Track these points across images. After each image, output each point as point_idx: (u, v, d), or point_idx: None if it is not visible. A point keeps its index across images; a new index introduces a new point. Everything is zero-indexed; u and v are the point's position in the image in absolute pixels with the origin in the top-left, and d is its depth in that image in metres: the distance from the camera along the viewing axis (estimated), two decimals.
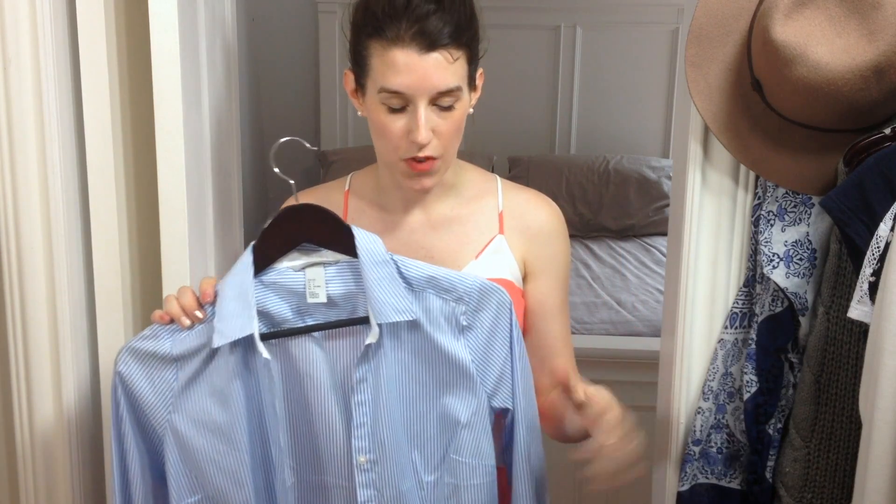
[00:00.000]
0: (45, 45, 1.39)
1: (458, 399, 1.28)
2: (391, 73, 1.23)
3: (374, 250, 1.23)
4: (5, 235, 1.45)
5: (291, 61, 4.38)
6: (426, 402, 1.28)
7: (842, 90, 1.24)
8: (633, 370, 2.66)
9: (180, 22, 1.39)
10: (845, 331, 1.33)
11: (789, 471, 1.42)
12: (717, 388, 1.53)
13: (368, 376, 1.23)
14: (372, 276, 1.22)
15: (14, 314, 1.46)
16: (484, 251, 1.39)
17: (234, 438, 1.23)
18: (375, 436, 1.25)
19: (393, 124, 1.27)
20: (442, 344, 1.26)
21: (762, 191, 1.45)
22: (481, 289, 1.26)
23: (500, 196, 1.42)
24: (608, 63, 4.31)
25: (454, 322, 1.26)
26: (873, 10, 1.23)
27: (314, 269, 1.24)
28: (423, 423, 1.29)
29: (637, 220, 3.94)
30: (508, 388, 1.30)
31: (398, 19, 1.22)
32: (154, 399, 1.23)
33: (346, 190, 1.44)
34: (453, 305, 1.26)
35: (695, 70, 1.42)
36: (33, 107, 1.41)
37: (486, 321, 1.27)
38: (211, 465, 1.24)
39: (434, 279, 1.25)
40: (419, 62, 1.22)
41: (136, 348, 1.23)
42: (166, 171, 1.43)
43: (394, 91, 1.24)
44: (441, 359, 1.26)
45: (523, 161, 4.12)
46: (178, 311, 1.22)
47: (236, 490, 1.24)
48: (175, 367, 1.22)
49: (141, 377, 1.23)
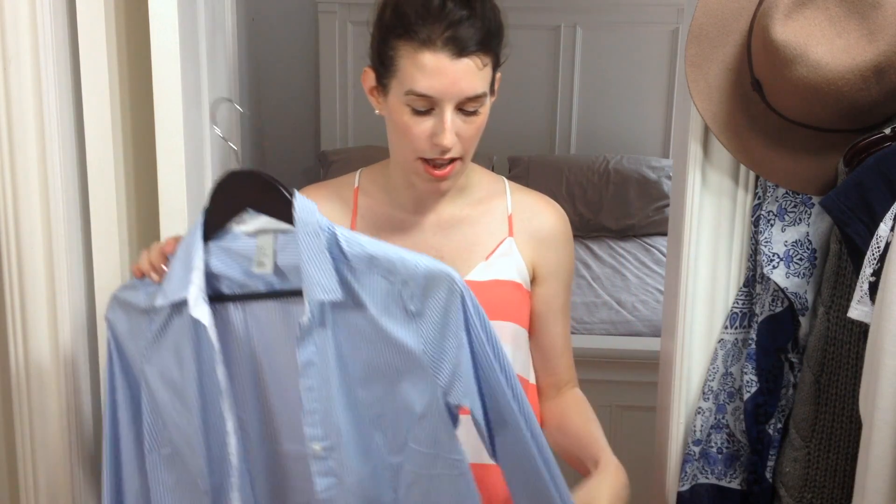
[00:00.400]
0: (45, 44, 1.39)
1: (412, 388, 1.19)
2: (421, 75, 1.24)
3: (308, 220, 1.15)
4: (5, 235, 1.44)
5: (291, 61, 4.37)
6: (384, 385, 1.20)
7: (842, 90, 1.24)
8: (633, 370, 2.66)
9: (180, 22, 1.39)
10: (845, 331, 1.33)
11: (789, 471, 1.42)
12: (717, 388, 1.53)
13: (315, 359, 1.17)
14: (304, 249, 1.14)
15: (14, 314, 1.46)
16: (494, 253, 1.39)
17: (187, 400, 1.21)
18: (329, 422, 1.19)
19: (417, 126, 1.27)
20: (388, 330, 1.16)
21: (762, 191, 1.45)
22: (427, 273, 1.15)
23: (508, 198, 1.43)
24: (608, 63, 4.30)
25: (402, 306, 1.16)
26: (873, 10, 1.23)
27: (265, 237, 1.19)
28: (383, 405, 1.21)
29: (637, 220, 3.93)
30: (466, 386, 1.18)
31: (432, 23, 1.22)
32: (133, 347, 1.24)
33: (356, 187, 1.44)
34: (399, 288, 1.16)
35: (695, 70, 1.42)
36: (33, 107, 1.40)
37: (436, 309, 1.16)
38: (171, 422, 1.23)
39: (374, 259, 1.16)
40: (450, 67, 1.23)
41: (119, 297, 1.25)
42: (166, 171, 1.43)
43: (422, 94, 1.24)
44: (388, 345, 1.17)
45: (523, 161, 4.12)
46: (147, 266, 1.23)
47: (190, 454, 1.23)
48: (148, 318, 1.22)
49: (124, 324, 1.24)
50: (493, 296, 1.37)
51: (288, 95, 4.40)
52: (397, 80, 1.27)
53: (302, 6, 4.31)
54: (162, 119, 1.41)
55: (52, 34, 1.39)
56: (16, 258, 1.44)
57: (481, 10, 1.25)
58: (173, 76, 1.40)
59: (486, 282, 1.38)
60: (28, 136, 1.41)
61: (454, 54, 1.22)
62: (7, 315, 1.47)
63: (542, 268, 1.42)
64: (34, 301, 1.45)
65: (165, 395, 1.23)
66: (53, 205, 1.44)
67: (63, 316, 1.46)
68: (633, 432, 2.74)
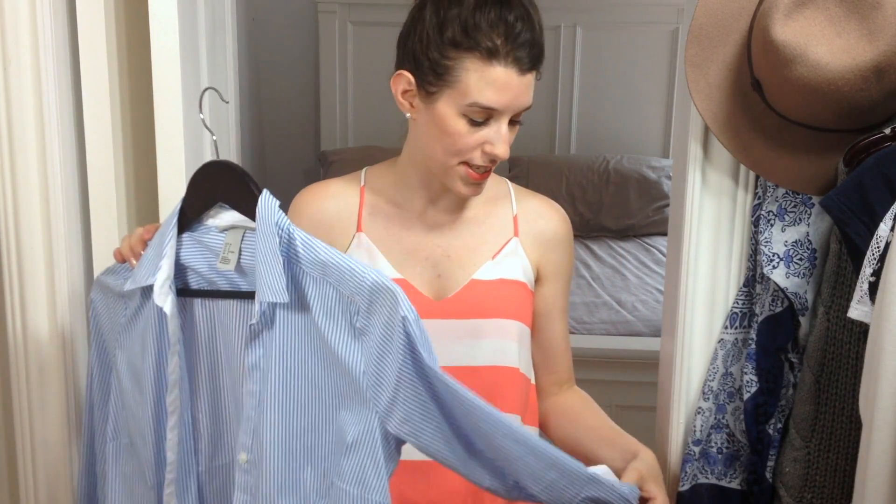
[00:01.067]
0: (45, 45, 1.39)
1: (348, 413, 1.11)
2: (490, 89, 1.26)
3: (268, 219, 1.10)
4: (5, 235, 1.45)
5: (291, 61, 4.37)
6: (322, 409, 1.13)
7: (842, 90, 1.24)
8: (633, 370, 2.67)
9: (180, 22, 1.39)
10: (845, 331, 1.33)
11: (789, 471, 1.42)
12: (717, 388, 1.53)
13: (261, 364, 1.12)
14: (260, 248, 1.10)
15: (14, 314, 1.46)
16: (500, 252, 1.41)
17: (143, 389, 1.20)
18: (257, 435, 1.12)
19: (472, 135, 1.29)
20: (333, 342, 1.10)
21: (762, 191, 1.45)
22: (372, 287, 1.09)
23: (513, 200, 1.46)
24: (608, 63, 4.31)
25: (349, 321, 1.10)
26: (873, 10, 1.23)
27: (234, 234, 1.16)
28: (317, 434, 1.13)
29: (637, 220, 3.94)
30: (406, 413, 1.10)
31: (504, 39, 1.25)
32: (109, 331, 1.25)
33: (362, 185, 1.44)
34: (348, 300, 1.09)
35: (695, 70, 1.42)
36: (33, 107, 1.41)
37: (377, 328, 1.09)
38: (129, 411, 1.23)
39: (327, 266, 1.10)
40: (516, 82, 1.27)
41: (101, 280, 1.27)
42: (166, 171, 1.43)
43: (487, 107, 1.27)
44: (332, 359, 1.11)
45: (523, 161, 4.12)
46: (128, 251, 1.25)
47: (142, 445, 1.21)
48: (123, 303, 1.23)
49: (103, 307, 1.26)
50: (500, 294, 1.39)
51: (288, 95, 4.40)
52: (456, 90, 1.27)
53: (302, 6, 4.32)
54: (162, 119, 1.41)
55: (52, 34, 1.40)
56: (16, 258, 1.44)
57: (539, 27, 1.29)
58: (173, 76, 1.40)
59: (492, 280, 1.39)
60: (28, 136, 1.41)
61: (522, 70, 1.27)
62: (7, 315, 1.48)
63: (545, 268, 1.44)
64: (34, 301, 1.45)
65: (128, 383, 1.22)
66: (53, 205, 1.44)
67: (63, 315, 1.46)
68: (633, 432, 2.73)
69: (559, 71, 4.32)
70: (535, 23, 1.28)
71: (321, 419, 1.13)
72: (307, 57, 4.38)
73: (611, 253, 3.74)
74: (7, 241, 1.45)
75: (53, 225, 1.44)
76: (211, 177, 1.18)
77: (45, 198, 1.43)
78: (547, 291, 1.45)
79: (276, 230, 1.10)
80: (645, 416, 2.11)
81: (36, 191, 1.43)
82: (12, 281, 1.45)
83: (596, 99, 4.34)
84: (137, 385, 1.21)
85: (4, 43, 1.39)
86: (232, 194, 1.16)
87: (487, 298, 1.39)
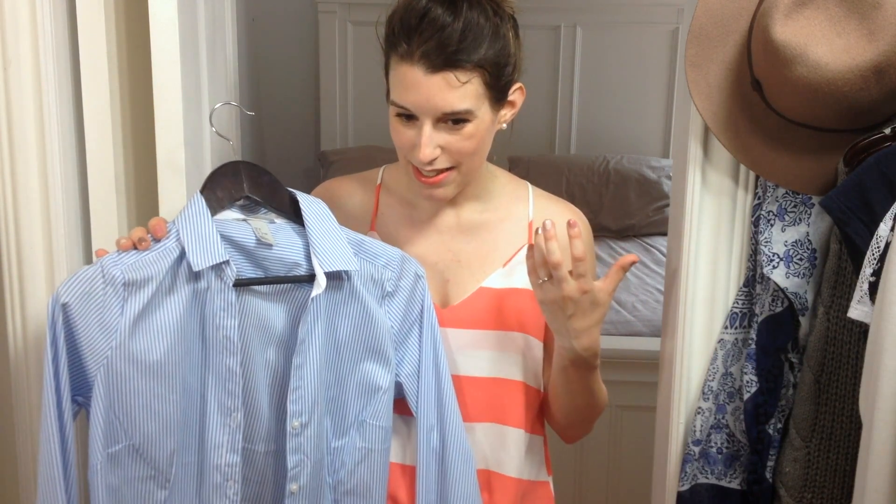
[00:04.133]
0: (45, 45, 1.39)
1: (379, 365, 1.30)
2: (399, 88, 1.25)
3: (317, 209, 1.28)
4: (5, 235, 1.45)
5: (291, 61, 4.37)
6: (348, 366, 1.30)
7: (842, 90, 1.24)
8: (633, 370, 2.66)
9: (180, 22, 1.39)
10: (845, 331, 1.33)
11: (789, 471, 1.42)
12: (717, 388, 1.53)
13: (307, 337, 1.24)
14: (317, 230, 1.25)
15: (14, 315, 1.46)
16: (512, 260, 1.39)
17: (174, 381, 1.19)
18: (307, 398, 1.25)
19: (403, 134, 1.28)
20: (370, 307, 1.28)
21: (762, 191, 1.45)
22: (402, 257, 1.31)
23: (531, 205, 1.43)
24: (608, 63, 4.31)
25: (381, 287, 1.30)
26: (873, 10, 1.23)
27: (257, 221, 1.26)
28: (340, 387, 1.31)
29: (637, 220, 3.93)
30: (411, 364, 1.33)
31: (409, 35, 1.22)
32: (97, 332, 1.17)
33: (378, 184, 1.44)
34: (382, 271, 1.30)
35: (695, 70, 1.42)
36: (33, 107, 1.41)
37: (405, 288, 1.31)
38: (144, 408, 1.19)
39: (363, 243, 1.30)
40: (424, 82, 1.22)
41: (82, 277, 1.17)
42: (166, 171, 1.43)
43: (401, 105, 1.25)
44: (370, 322, 1.29)
45: (523, 161, 4.12)
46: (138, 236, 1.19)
47: (157, 444, 1.20)
48: (122, 297, 1.16)
49: (82, 309, 1.16)
50: (507, 305, 1.37)
51: (288, 95, 4.40)
52: (390, 88, 1.28)
53: (302, 6, 4.32)
54: (162, 119, 1.41)
55: (52, 35, 1.40)
56: (16, 258, 1.44)
57: (466, 22, 1.22)
58: (173, 76, 1.40)
59: (501, 289, 1.37)
60: (28, 136, 1.41)
61: (428, 69, 1.21)
62: (7, 315, 1.48)
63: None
64: (34, 301, 1.45)
65: (140, 381, 1.18)
66: (53, 205, 1.44)
67: None
68: (633, 432, 2.75)
69: (559, 71, 4.32)
70: (460, 22, 1.21)
71: (345, 372, 1.31)
72: (307, 57, 4.38)
73: (611, 253, 3.74)
74: (7, 241, 1.45)
75: (53, 225, 1.44)
76: (242, 176, 1.26)
77: (45, 198, 1.43)
78: None
79: (328, 213, 1.27)
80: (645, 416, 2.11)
81: (36, 191, 1.43)
82: (12, 280, 1.45)
83: (596, 99, 4.34)
84: (159, 379, 1.18)
85: (4, 43, 1.39)
86: (265, 193, 1.27)
87: (494, 308, 1.37)
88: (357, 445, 1.32)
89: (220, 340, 1.21)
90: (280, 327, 1.27)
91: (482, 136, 1.30)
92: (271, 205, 1.27)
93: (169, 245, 1.21)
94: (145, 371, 1.19)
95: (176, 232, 1.21)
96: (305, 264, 1.26)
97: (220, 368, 1.22)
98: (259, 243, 1.24)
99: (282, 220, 1.28)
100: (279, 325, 1.27)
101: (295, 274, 1.26)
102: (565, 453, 2.65)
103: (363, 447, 1.32)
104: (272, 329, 1.27)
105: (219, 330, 1.21)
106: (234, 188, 1.25)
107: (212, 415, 1.23)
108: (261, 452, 1.29)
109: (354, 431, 1.32)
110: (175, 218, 1.23)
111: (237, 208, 1.26)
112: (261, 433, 1.28)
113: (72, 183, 1.46)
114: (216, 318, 1.21)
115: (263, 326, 1.26)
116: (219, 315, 1.21)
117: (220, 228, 1.22)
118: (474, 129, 1.27)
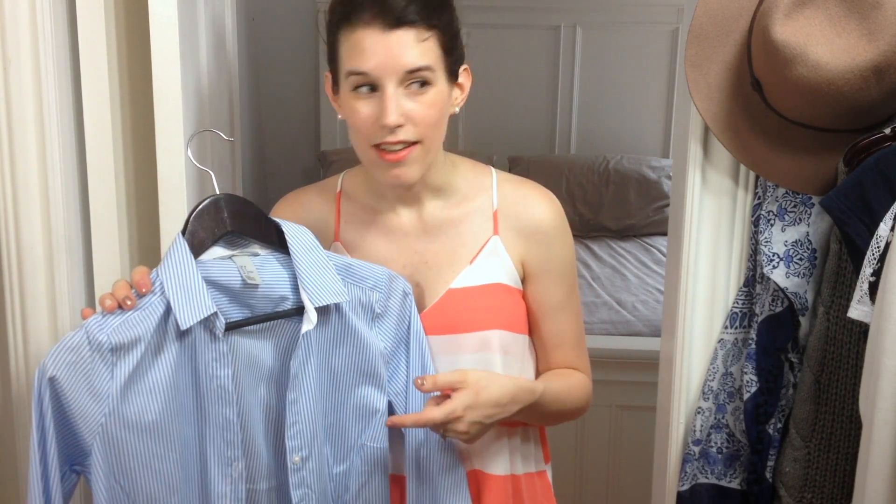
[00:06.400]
0: (45, 45, 1.39)
1: (374, 387, 1.30)
2: (357, 53, 1.22)
3: (304, 239, 1.25)
4: (5, 235, 1.45)
5: (291, 61, 4.37)
6: (343, 392, 1.29)
7: (842, 90, 1.24)
8: (633, 370, 2.66)
9: (180, 22, 1.39)
10: (845, 331, 1.33)
11: (789, 471, 1.42)
12: (717, 388, 1.53)
13: (300, 371, 1.22)
14: (305, 262, 1.23)
15: (14, 315, 1.46)
16: (479, 255, 1.35)
17: (171, 439, 1.17)
18: (306, 432, 1.24)
19: (363, 110, 1.24)
20: (362, 332, 1.27)
21: (762, 191, 1.45)
22: (389, 276, 1.30)
23: (494, 192, 1.37)
24: (608, 63, 4.31)
25: (370, 310, 1.28)
26: (873, 10, 1.23)
27: (241, 258, 1.22)
28: (338, 413, 1.29)
29: (637, 220, 3.93)
30: (400, 382, 1.31)
31: (360, 3, 1.22)
32: (88, 401, 1.13)
33: (338, 191, 1.41)
34: (369, 294, 1.28)
35: (695, 70, 1.42)
36: (33, 107, 1.41)
37: (394, 307, 1.30)
38: (145, 469, 1.16)
39: (350, 267, 1.27)
40: (383, 40, 1.21)
41: (68, 346, 1.12)
42: (166, 172, 1.43)
43: (360, 72, 1.23)
44: (362, 347, 1.28)
45: (523, 161, 4.11)
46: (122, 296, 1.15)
47: (167, 496, 1.18)
48: (110, 362, 1.13)
49: (71, 380, 1.12)
50: (478, 304, 1.33)
51: (288, 95, 4.40)
52: (342, 67, 1.26)
53: (302, 6, 4.31)
54: (162, 119, 1.41)
55: (52, 34, 1.40)
56: (16, 258, 1.44)
57: None
58: (173, 76, 1.40)
59: (470, 288, 1.34)
60: (28, 136, 1.41)
61: (386, 26, 1.21)
62: (7, 315, 1.48)
63: (531, 264, 1.36)
64: (34, 301, 1.45)
65: (137, 443, 1.15)
66: (53, 205, 1.44)
67: (63, 316, 1.46)
68: (633, 432, 2.75)
69: (559, 71, 4.32)
70: None
71: (341, 399, 1.29)
72: (307, 57, 4.37)
73: (611, 253, 3.74)
74: (7, 241, 1.45)
75: (53, 225, 1.44)
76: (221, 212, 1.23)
77: (45, 198, 1.43)
78: (535, 289, 1.37)
79: (315, 244, 1.25)
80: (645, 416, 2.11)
81: (36, 191, 1.43)
82: (12, 282, 1.45)
83: (596, 99, 4.34)
84: (157, 438, 1.16)
85: (4, 43, 1.39)
86: (248, 227, 1.24)
87: (465, 309, 1.33)
88: (360, 469, 1.31)
89: (215, 391, 1.19)
90: (269, 363, 1.24)
91: (442, 107, 1.27)
92: (254, 237, 1.24)
93: (154, 301, 1.16)
94: (141, 433, 1.16)
95: (160, 284, 1.17)
96: (293, 297, 1.24)
97: (217, 419, 1.19)
98: (245, 285, 1.21)
99: (266, 252, 1.25)
100: (268, 361, 1.24)
101: (282, 308, 1.23)
102: (565, 453, 2.65)
103: (366, 470, 1.31)
104: (262, 366, 1.24)
105: (213, 380, 1.18)
106: (216, 225, 1.22)
107: (213, 467, 1.20)
108: (263, 490, 1.26)
109: (355, 455, 1.30)
110: (158, 268, 1.18)
111: (221, 244, 1.22)
112: (261, 471, 1.25)
113: (72, 182, 1.46)
114: (209, 369, 1.18)
115: (253, 364, 1.23)
116: (211, 366, 1.18)
117: (204, 273, 1.18)
118: (436, 95, 1.25)
